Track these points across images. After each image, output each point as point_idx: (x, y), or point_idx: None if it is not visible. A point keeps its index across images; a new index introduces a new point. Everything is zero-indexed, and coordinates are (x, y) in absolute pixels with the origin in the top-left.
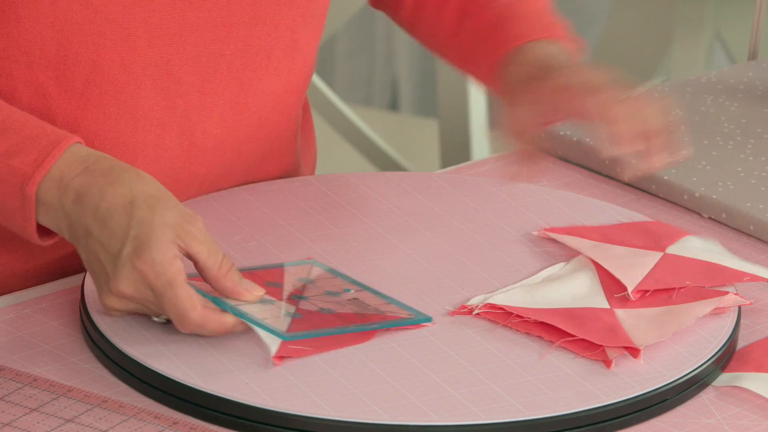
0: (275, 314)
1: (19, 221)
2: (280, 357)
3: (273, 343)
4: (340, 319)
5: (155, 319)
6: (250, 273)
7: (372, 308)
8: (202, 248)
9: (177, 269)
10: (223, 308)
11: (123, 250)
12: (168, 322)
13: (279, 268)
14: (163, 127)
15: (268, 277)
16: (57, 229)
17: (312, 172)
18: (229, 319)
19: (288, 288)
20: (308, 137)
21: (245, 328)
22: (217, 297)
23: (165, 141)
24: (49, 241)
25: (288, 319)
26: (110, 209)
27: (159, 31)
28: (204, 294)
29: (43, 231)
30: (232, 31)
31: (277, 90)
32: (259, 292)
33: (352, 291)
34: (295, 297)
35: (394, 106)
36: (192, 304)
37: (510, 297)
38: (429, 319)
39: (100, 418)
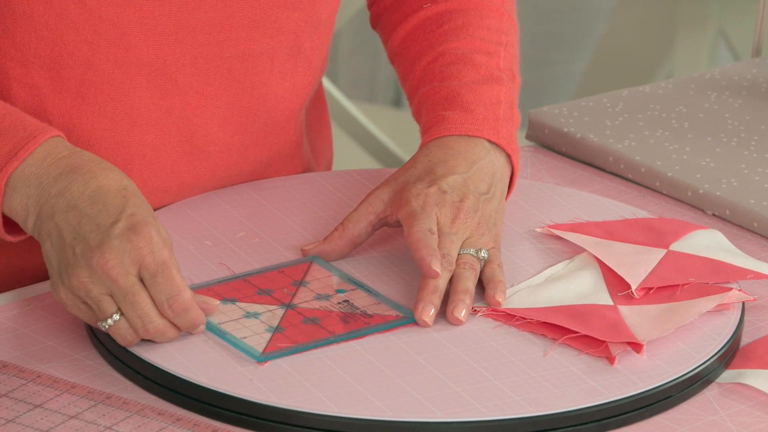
0: (256, 330)
1: None
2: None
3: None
4: (323, 329)
5: (100, 323)
6: (244, 281)
7: (360, 310)
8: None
9: (171, 254)
10: (207, 327)
11: (117, 224)
12: (113, 324)
13: (274, 271)
14: (161, 128)
15: (261, 284)
16: (24, 208)
17: None
18: (203, 318)
19: (278, 296)
20: (324, 140)
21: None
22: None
23: (164, 142)
24: (15, 238)
25: (268, 335)
26: (103, 189)
27: (154, 31)
28: None
29: (9, 228)
30: (231, 33)
31: (283, 94)
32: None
33: (346, 292)
34: (283, 306)
35: (397, 102)
36: (185, 285)
37: (513, 300)
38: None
39: (104, 415)
